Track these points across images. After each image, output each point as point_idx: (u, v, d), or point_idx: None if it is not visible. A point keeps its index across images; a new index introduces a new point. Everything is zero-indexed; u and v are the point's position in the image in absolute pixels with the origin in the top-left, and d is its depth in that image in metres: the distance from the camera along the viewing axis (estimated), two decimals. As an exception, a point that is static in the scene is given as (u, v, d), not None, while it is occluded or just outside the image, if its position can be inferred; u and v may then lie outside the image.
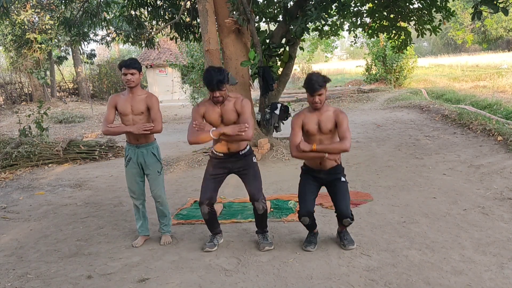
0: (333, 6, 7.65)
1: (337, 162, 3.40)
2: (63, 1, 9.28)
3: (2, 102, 19.76)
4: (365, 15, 8.66)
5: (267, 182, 5.65)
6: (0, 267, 3.61)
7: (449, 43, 46.44)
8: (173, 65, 18.06)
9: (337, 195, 3.38)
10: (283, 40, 7.83)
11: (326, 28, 9.31)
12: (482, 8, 5.78)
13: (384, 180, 5.41)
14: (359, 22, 8.71)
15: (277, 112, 7.46)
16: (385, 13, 8.36)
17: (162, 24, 8.90)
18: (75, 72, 23.71)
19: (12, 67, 19.78)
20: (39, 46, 18.41)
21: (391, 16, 8.42)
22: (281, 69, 7.89)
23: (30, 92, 20.70)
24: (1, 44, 19.32)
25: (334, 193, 3.41)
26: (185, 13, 8.48)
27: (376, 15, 8.43)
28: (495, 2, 5.49)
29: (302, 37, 8.20)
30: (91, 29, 11.24)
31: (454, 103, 12.37)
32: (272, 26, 8.84)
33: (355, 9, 8.58)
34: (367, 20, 8.79)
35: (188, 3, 8.30)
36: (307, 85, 3.22)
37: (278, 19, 8.24)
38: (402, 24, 8.71)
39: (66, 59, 23.77)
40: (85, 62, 22.30)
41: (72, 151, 8.11)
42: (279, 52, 7.74)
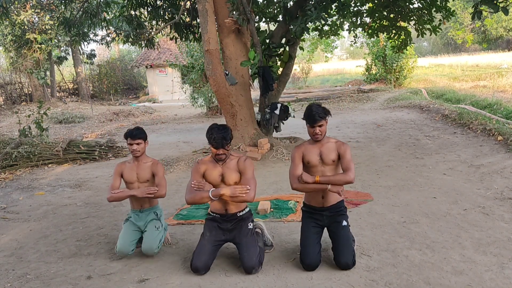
0: (333, 6, 7.65)
1: (340, 195, 3.20)
2: (63, 1, 9.27)
3: (2, 102, 19.76)
4: (365, 15, 8.65)
5: (267, 182, 5.66)
6: (-1, 267, 3.61)
7: (449, 43, 46.42)
8: (173, 65, 18.09)
9: (339, 243, 3.17)
10: (283, 40, 7.82)
11: (326, 28, 9.31)
12: (482, 8, 5.76)
13: (384, 180, 5.41)
14: (359, 22, 8.70)
15: (277, 112, 7.47)
16: (385, 13, 8.36)
17: (162, 24, 8.89)
18: (75, 72, 23.71)
19: (12, 67, 19.77)
20: (39, 46, 18.41)
21: (391, 16, 8.41)
22: (281, 69, 7.89)
23: (30, 92, 20.69)
24: (1, 44, 19.30)
25: (336, 240, 3.21)
26: (185, 13, 8.48)
27: (376, 15, 8.43)
28: (495, 2, 5.47)
29: (302, 37, 8.20)
30: (91, 29, 11.26)
31: (454, 103, 12.37)
32: (272, 26, 8.84)
33: (355, 9, 8.56)
34: (367, 20, 8.78)
35: (188, 3, 8.30)
36: (308, 116, 3.13)
37: (278, 19, 8.24)
38: (402, 24, 8.71)
39: (66, 59, 23.76)
40: (85, 62, 22.31)
41: (72, 151, 8.11)
42: (279, 52, 7.74)
